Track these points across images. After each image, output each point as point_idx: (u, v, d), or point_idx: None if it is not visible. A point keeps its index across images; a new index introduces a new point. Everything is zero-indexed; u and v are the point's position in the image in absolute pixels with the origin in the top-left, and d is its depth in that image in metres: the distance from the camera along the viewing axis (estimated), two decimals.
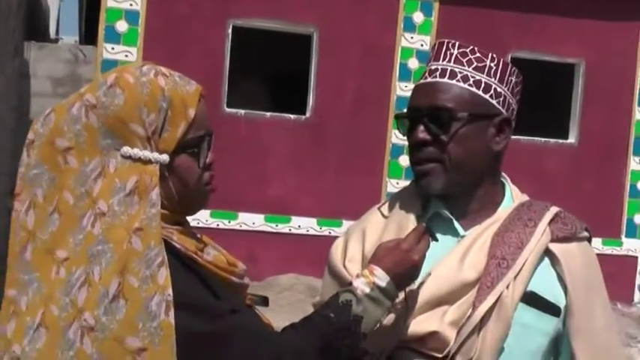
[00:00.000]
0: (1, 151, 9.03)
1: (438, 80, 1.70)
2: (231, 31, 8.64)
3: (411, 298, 1.59)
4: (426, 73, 1.74)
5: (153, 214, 1.36)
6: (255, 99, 10.34)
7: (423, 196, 1.74)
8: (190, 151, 1.46)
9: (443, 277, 1.62)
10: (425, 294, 1.60)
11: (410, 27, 8.93)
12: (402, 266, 1.54)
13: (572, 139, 9.43)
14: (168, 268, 1.34)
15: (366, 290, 1.50)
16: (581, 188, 9.19)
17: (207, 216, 8.28)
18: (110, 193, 1.37)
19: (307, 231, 8.76)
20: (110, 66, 7.50)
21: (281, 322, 1.67)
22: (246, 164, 8.54)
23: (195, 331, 1.36)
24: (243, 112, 8.72)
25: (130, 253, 1.33)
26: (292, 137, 8.75)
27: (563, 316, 1.67)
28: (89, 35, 12.50)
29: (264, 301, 1.64)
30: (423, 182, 1.70)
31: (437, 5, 8.97)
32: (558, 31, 9.19)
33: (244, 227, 8.62)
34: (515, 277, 1.62)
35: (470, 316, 1.59)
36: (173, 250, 1.40)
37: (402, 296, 1.57)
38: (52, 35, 18.36)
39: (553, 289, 1.67)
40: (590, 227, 1.76)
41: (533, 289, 1.64)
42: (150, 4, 8.35)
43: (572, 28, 9.24)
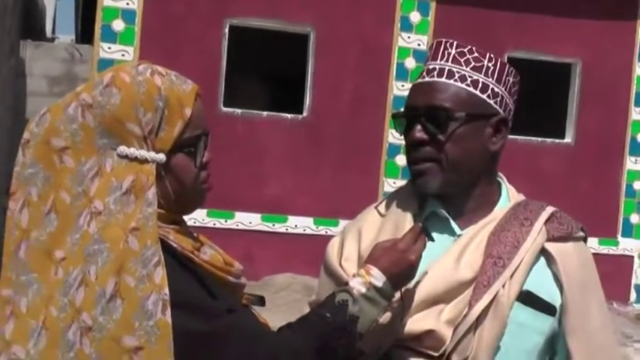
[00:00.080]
0: None
1: (435, 80, 1.70)
2: (227, 30, 8.63)
3: (408, 297, 1.59)
4: (424, 73, 1.74)
5: (149, 214, 1.36)
6: (251, 98, 10.33)
7: (420, 195, 1.74)
8: (187, 150, 1.46)
9: (439, 276, 1.62)
10: (421, 293, 1.61)
11: (407, 26, 8.93)
12: (398, 266, 1.54)
13: (568, 138, 9.43)
14: (164, 267, 1.34)
15: (363, 290, 1.50)
16: (578, 188, 9.19)
17: (204, 215, 8.27)
18: (106, 192, 1.37)
19: (304, 230, 8.75)
20: (106, 65, 7.48)
21: (277, 321, 1.66)
22: (242, 164, 8.53)
23: (192, 330, 1.36)
24: (239, 111, 8.70)
25: (127, 252, 1.33)
26: (289, 137, 8.74)
27: (559, 316, 1.68)
28: (85, 34, 12.47)
29: (261, 300, 1.64)
30: (419, 182, 1.70)
31: (434, 5, 8.96)
32: (555, 31, 9.19)
33: (241, 226, 8.61)
34: (512, 277, 1.63)
35: (466, 314, 1.60)
36: (170, 249, 1.40)
37: (398, 295, 1.57)
38: (49, 34, 18.35)
39: (549, 289, 1.67)
40: (587, 227, 1.76)
41: (529, 288, 1.65)
42: (146, 3, 8.34)
43: (569, 28, 9.24)
